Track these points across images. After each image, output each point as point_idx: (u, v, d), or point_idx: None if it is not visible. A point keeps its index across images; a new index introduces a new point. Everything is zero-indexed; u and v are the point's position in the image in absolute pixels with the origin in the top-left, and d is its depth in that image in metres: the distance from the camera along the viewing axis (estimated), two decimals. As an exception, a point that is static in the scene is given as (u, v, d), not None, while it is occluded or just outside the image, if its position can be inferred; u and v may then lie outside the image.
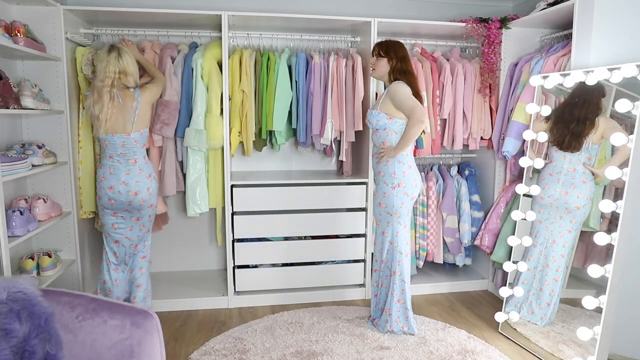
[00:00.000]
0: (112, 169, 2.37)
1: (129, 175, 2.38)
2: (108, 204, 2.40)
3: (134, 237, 2.49)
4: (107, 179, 2.37)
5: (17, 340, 1.22)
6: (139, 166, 2.40)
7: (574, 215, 2.43)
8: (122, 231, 2.47)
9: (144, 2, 3.09)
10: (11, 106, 2.19)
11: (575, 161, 2.41)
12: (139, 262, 2.54)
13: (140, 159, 2.42)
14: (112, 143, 2.35)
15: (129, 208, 2.42)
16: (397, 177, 2.45)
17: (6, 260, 1.97)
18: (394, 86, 2.40)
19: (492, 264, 3.23)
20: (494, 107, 3.17)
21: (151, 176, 2.46)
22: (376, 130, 2.48)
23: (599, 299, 2.03)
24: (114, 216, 2.44)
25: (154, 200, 2.49)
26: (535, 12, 2.82)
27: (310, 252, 3.05)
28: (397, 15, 3.26)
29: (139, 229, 2.49)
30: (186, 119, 2.81)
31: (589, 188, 2.39)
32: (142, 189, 2.40)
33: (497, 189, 3.22)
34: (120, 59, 2.29)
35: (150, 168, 2.48)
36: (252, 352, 2.39)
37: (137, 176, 2.39)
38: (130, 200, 2.38)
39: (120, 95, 2.31)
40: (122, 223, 2.46)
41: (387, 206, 2.48)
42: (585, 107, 2.35)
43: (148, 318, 1.44)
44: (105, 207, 2.43)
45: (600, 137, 2.32)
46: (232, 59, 2.86)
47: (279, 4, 3.27)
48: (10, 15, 2.50)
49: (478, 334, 2.64)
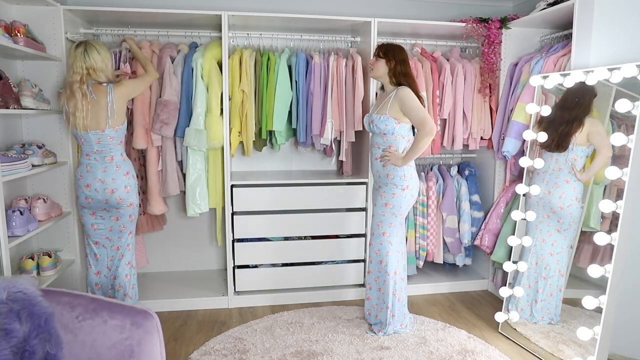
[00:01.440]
0: (88, 167, 2.35)
1: (105, 172, 2.34)
2: (85, 202, 2.37)
3: (114, 238, 2.46)
4: (84, 177, 2.35)
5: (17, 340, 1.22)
6: (115, 163, 2.37)
7: (560, 215, 2.44)
8: (101, 232, 2.44)
9: (144, 2, 3.09)
10: (11, 106, 2.19)
11: (562, 161, 2.43)
12: (125, 269, 2.49)
13: (118, 156, 2.38)
14: (87, 140, 2.32)
15: (106, 207, 2.38)
16: (406, 180, 2.48)
17: (6, 260, 1.97)
18: (403, 93, 2.42)
19: (492, 264, 3.23)
20: (494, 107, 3.17)
21: (129, 174, 2.42)
22: (383, 135, 2.49)
23: (599, 299, 2.03)
24: (93, 216, 2.42)
25: (134, 199, 2.45)
26: (535, 12, 2.82)
27: (310, 252, 3.05)
28: (397, 15, 3.26)
29: (119, 230, 2.45)
30: (186, 118, 2.81)
31: (573, 188, 2.40)
32: (119, 187, 2.36)
33: (497, 189, 3.22)
34: (87, 54, 2.27)
35: (128, 165, 2.44)
36: (252, 352, 2.39)
37: (114, 174, 2.36)
38: (107, 198, 2.35)
39: (93, 91, 2.28)
40: (102, 223, 2.43)
41: (394, 207, 2.49)
42: (577, 108, 2.37)
43: (148, 318, 1.44)
44: (83, 207, 2.41)
45: (585, 138, 2.33)
46: (232, 59, 2.86)
47: (279, 4, 3.27)
48: (10, 15, 2.50)
49: (478, 334, 2.64)
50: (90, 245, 2.47)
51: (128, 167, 2.44)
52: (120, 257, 2.48)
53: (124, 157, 2.43)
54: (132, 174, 2.45)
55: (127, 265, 2.50)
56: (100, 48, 2.33)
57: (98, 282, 2.49)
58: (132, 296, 2.53)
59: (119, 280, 2.48)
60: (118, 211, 2.41)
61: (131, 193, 2.42)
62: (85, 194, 2.36)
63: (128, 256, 2.50)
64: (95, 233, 2.44)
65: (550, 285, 2.51)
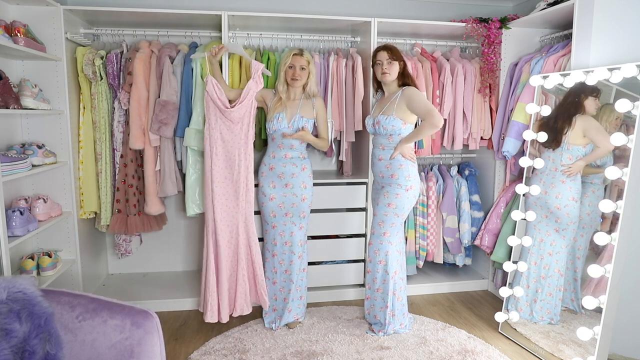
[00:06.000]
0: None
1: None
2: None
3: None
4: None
5: (17, 340, 1.22)
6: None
7: (557, 215, 2.44)
8: None
9: (144, 2, 3.09)
10: (11, 106, 2.19)
11: (558, 161, 2.43)
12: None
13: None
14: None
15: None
16: (410, 180, 2.49)
17: (6, 260, 1.97)
18: (410, 91, 2.45)
19: (492, 264, 3.23)
20: (494, 107, 3.17)
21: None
22: (389, 136, 2.49)
23: (599, 299, 2.03)
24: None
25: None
26: (535, 12, 2.82)
27: (310, 252, 3.05)
28: (397, 15, 3.26)
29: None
30: (186, 118, 2.81)
31: (569, 188, 2.40)
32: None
33: (497, 189, 3.22)
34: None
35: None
36: (252, 352, 2.39)
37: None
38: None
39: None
40: None
41: (397, 207, 2.49)
42: (569, 105, 2.39)
43: (148, 318, 1.44)
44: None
45: (583, 137, 2.33)
46: (232, 59, 2.86)
47: (279, 4, 3.27)
48: (10, 15, 2.50)
49: (478, 334, 2.64)
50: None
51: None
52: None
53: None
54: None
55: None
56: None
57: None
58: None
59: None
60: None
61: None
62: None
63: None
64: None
65: (549, 285, 2.51)
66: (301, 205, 2.62)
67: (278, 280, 2.68)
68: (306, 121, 2.58)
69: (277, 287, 2.69)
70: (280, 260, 2.67)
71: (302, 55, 2.56)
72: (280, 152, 2.60)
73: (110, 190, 2.88)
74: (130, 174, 2.87)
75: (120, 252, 3.10)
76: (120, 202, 2.87)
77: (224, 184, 2.59)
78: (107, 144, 2.85)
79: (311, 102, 2.63)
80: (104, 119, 2.82)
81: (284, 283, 2.68)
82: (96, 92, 2.79)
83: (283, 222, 2.65)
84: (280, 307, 2.69)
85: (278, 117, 2.58)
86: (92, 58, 2.72)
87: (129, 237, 3.10)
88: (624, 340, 2.30)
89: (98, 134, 2.84)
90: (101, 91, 2.79)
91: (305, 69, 2.57)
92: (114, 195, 2.88)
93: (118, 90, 2.79)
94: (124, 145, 2.85)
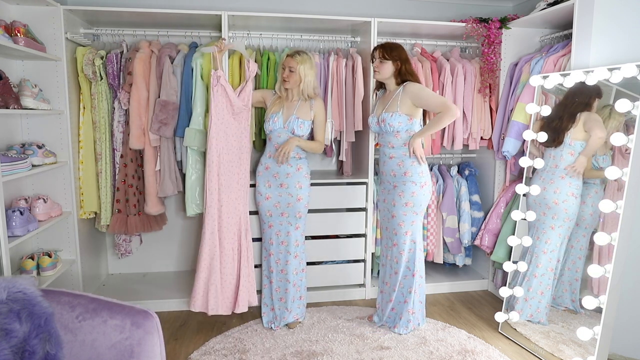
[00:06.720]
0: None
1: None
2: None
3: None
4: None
5: (17, 340, 1.22)
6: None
7: (555, 212, 2.44)
8: None
9: (144, 2, 3.09)
10: (11, 106, 2.19)
11: (559, 158, 2.43)
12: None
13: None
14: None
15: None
16: (424, 176, 2.49)
17: (6, 260, 1.97)
18: (413, 87, 2.44)
19: (492, 264, 3.23)
20: (494, 107, 3.17)
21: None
22: (397, 133, 2.47)
23: (599, 299, 2.03)
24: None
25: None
26: (535, 12, 2.82)
27: (310, 252, 3.05)
28: (397, 15, 3.26)
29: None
30: (186, 118, 2.81)
31: (568, 183, 2.40)
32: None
33: (497, 189, 3.22)
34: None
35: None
36: (252, 352, 2.39)
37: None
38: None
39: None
40: None
41: (415, 205, 2.49)
42: (573, 105, 2.38)
43: (148, 318, 1.44)
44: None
45: (584, 132, 2.33)
46: (232, 59, 2.86)
47: (279, 4, 3.27)
48: (10, 15, 2.49)
49: (478, 334, 2.64)
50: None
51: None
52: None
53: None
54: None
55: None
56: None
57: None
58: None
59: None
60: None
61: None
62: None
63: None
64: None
65: (541, 284, 2.51)
66: (297, 205, 2.62)
67: (274, 279, 2.68)
68: (302, 122, 2.58)
69: (274, 286, 2.69)
70: (276, 260, 2.67)
71: (293, 57, 2.55)
72: (276, 152, 2.61)
73: (110, 190, 2.88)
74: (130, 174, 2.87)
75: (120, 252, 3.10)
76: (120, 202, 2.87)
77: (228, 177, 2.63)
78: (107, 144, 2.86)
79: (309, 103, 2.62)
80: (104, 119, 2.83)
81: (280, 283, 2.68)
82: (96, 92, 2.79)
83: (279, 222, 2.65)
84: (277, 306, 2.69)
85: (274, 117, 2.59)
86: (92, 58, 2.72)
87: (129, 237, 3.10)
88: (624, 340, 2.30)
89: (98, 134, 2.84)
90: (101, 91, 2.79)
91: (294, 71, 2.54)
92: (114, 195, 2.89)
93: (118, 90, 2.79)
94: (124, 145, 2.85)
